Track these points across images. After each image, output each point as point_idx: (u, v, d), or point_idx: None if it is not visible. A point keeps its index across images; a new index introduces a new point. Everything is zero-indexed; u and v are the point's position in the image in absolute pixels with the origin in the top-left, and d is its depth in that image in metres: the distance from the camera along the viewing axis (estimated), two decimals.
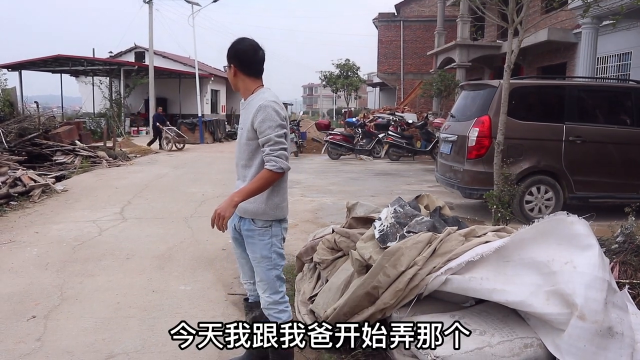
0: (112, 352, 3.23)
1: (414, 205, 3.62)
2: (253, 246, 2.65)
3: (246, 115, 2.61)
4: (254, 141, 2.56)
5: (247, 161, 2.62)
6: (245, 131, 2.59)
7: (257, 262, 2.66)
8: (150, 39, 23.42)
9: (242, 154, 2.63)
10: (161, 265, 5.01)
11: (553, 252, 2.66)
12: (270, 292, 2.67)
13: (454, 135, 7.41)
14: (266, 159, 2.48)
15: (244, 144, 2.62)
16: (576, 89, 7.13)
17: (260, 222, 2.62)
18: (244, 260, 2.83)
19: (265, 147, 2.49)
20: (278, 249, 2.68)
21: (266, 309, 2.71)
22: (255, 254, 2.65)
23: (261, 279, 2.67)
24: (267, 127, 2.48)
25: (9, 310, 3.90)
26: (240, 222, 2.69)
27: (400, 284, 2.86)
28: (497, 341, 2.58)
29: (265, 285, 2.67)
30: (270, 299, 2.68)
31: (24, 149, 12.73)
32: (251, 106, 2.58)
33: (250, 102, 2.62)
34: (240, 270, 2.94)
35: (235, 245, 2.86)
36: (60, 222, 6.85)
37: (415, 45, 30.41)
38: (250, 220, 2.64)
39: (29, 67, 25.86)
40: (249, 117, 2.55)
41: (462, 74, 19.40)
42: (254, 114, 2.52)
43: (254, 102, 2.58)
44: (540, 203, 6.80)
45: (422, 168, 13.87)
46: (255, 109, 2.52)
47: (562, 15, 14.19)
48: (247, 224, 2.65)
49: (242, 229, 2.69)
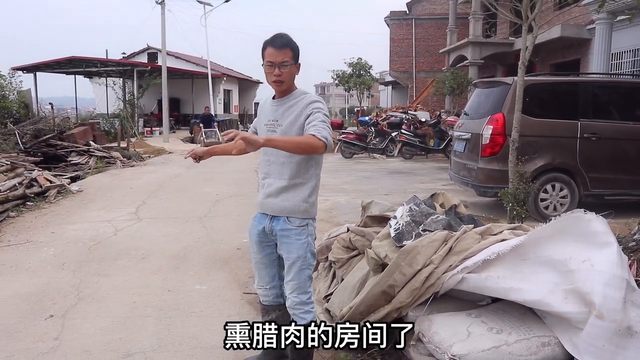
0: (129, 351, 3.26)
1: (429, 204, 3.61)
2: (289, 246, 2.60)
3: (289, 112, 2.56)
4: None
5: (287, 157, 2.54)
6: (287, 128, 2.53)
7: (291, 262, 2.61)
8: (163, 39, 23.53)
9: (280, 152, 2.52)
10: (176, 265, 5.04)
11: (570, 250, 2.63)
12: (299, 292, 2.63)
13: (467, 133, 7.37)
14: (312, 128, 2.39)
15: None
16: (591, 85, 7.06)
17: (297, 221, 2.59)
18: (262, 265, 2.78)
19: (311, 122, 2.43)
20: (313, 248, 2.66)
21: (292, 309, 2.66)
22: (291, 254, 2.60)
23: (292, 279, 2.62)
24: (317, 116, 2.46)
25: (27, 309, 3.95)
26: (272, 223, 2.63)
27: (417, 282, 2.85)
28: (514, 340, 2.56)
29: (295, 285, 2.62)
30: (298, 299, 2.64)
31: (40, 149, 12.89)
32: (297, 104, 2.55)
33: (292, 101, 2.58)
34: (256, 274, 2.85)
35: (257, 250, 2.76)
36: (76, 222, 6.92)
37: (427, 43, 30.29)
38: (285, 218, 2.59)
39: (44, 69, 26.15)
40: (295, 113, 2.53)
41: (474, 71, 19.28)
42: (302, 108, 2.51)
43: (300, 101, 2.56)
44: (555, 201, 6.74)
45: (435, 166, 13.81)
46: (305, 103, 2.52)
47: (576, 11, 14.06)
48: (282, 224, 2.59)
49: (274, 230, 2.63)
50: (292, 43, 2.53)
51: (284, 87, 2.56)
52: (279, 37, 2.53)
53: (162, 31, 23.37)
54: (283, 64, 2.49)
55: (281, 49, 2.48)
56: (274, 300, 2.83)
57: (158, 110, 28.22)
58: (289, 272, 2.63)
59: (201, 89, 28.88)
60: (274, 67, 2.49)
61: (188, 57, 34.03)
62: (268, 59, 2.50)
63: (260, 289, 2.85)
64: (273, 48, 2.49)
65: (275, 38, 2.53)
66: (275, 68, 2.49)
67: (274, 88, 2.59)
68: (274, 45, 2.50)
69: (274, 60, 2.48)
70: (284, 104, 2.59)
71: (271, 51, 2.49)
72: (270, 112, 2.64)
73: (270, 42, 2.52)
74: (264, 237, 2.70)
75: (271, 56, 2.49)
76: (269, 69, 2.51)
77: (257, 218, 2.73)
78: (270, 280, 2.79)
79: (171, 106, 26.53)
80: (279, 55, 2.48)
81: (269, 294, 2.82)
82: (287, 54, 2.49)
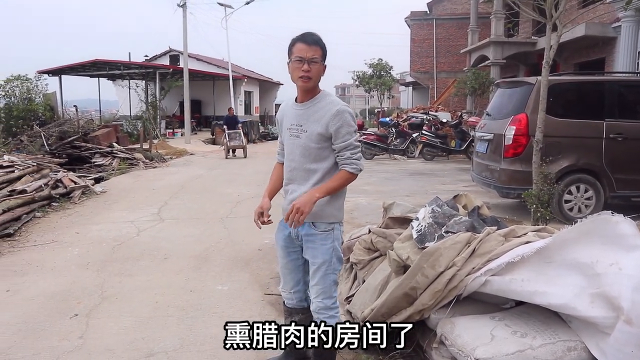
0: (151, 351, 3.29)
1: (452, 205, 3.57)
2: (314, 251, 2.58)
3: (314, 117, 2.51)
4: (325, 144, 2.51)
5: (312, 164, 2.53)
6: (315, 134, 2.49)
7: (316, 267, 2.58)
8: (185, 42, 23.80)
9: (307, 158, 2.53)
10: (198, 266, 5.08)
11: (597, 253, 2.57)
12: (324, 297, 2.60)
13: (489, 133, 7.28)
14: (347, 162, 2.49)
15: (312, 148, 2.51)
16: (617, 84, 6.92)
17: (322, 225, 2.56)
18: (287, 270, 2.76)
19: (344, 151, 2.49)
20: (339, 252, 2.63)
21: (317, 313, 2.63)
22: (316, 259, 2.57)
23: (317, 283, 2.60)
24: (346, 133, 2.48)
25: (53, 308, 4.01)
26: (297, 228, 2.58)
27: (439, 284, 2.82)
28: (539, 344, 2.51)
29: (320, 290, 2.60)
30: (322, 303, 2.61)
31: (64, 151, 13.15)
32: (322, 109, 2.50)
33: (317, 105, 2.53)
34: (282, 278, 2.84)
35: (282, 254, 2.74)
36: (100, 222, 7.03)
37: (448, 43, 30.09)
38: (310, 224, 2.55)
39: (69, 72, 26.62)
40: (320, 122, 2.49)
41: (496, 71, 19.07)
42: (330, 118, 2.47)
43: (325, 106, 2.51)
44: (580, 202, 6.62)
45: (456, 167, 13.69)
46: (331, 114, 2.47)
47: (601, 9, 13.81)
48: (307, 229, 2.56)
49: (300, 235, 2.60)
50: (321, 42, 2.50)
51: (311, 84, 2.49)
52: (309, 34, 2.50)
53: (184, 34, 23.63)
54: (312, 60, 2.44)
55: (311, 45, 2.45)
56: (297, 304, 2.82)
57: (180, 112, 28.52)
58: (314, 277, 2.61)
59: (222, 90, 29.11)
60: (303, 62, 2.44)
61: (209, 59, 34.33)
62: (297, 54, 2.44)
63: (285, 292, 2.84)
64: (303, 43, 2.45)
65: (306, 34, 2.49)
66: (304, 64, 2.44)
67: (300, 85, 2.52)
68: (305, 41, 2.46)
69: (304, 56, 2.43)
70: (308, 107, 2.54)
71: (301, 46, 2.45)
72: (294, 116, 2.59)
73: (300, 38, 2.48)
74: (289, 242, 2.68)
75: (301, 51, 2.44)
76: (298, 65, 2.45)
77: (282, 223, 2.68)
78: (294, 284, 2.78)
79: (193, 108, 26.80)
80: (309, 51, 2.44)
81: (293, 298, 2.82)
82: (316, 51, 2.46)
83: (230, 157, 16.99)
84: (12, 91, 19.26)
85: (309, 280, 2.70)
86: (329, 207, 2.56)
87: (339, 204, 2.61)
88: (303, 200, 2.42)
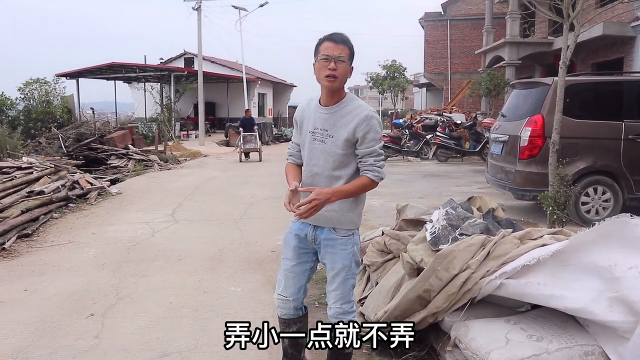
0: (165, 351, 3.31)
1: (466, 207, 3.54)
2: (334, 256, 2.51)
3: (341, 122, 2.44)
4: (350, 150, 2.45)
5: (337, 171, 2.45)
6: (342, 140, 2.42)
7: (335, 272, 2.52)
8: (199, 44, 23.96)
9: (331, 164, 2.45)
10: (212, 267, 5.10)
11: (616, 256, 2.52)
12: (342, 302, 2.54)
13: (505, 135, 7.22)
14: (369, 169, 2.43)
15: (338, 154, 2.44)
16: (636, 84, 6.81)
17: (342, 231, 2.51)
18: (292, 274, 2.62)
19: (368, 157, 2.44)
20: (358, 257, 2.59)
21: (335, 318, 2.57)
22: (336, 264, 2.51)
23: (336, 289, 2.54)
24: (372, 139, 2.43)
25: (70, 308, 4.06)
26: (315, 231, 2.53)
27: (453, 287, 2.79)
28: (555, 348, 2.48)
29: (339, 295, 2.54)
30: (341, 309, 2.55)
31: (81, 153, 13.32)
32: (349, 114, 2.44)
33: (344, 109, 2.45)
34: (281, 283, 2.67)
35: (292, 256, 2.61)
36: (115, 223, 7.09)
37: (462, 44, 29.87)
38: (331, 229, 2.50)
39: (86, 75, 26.94)
40: (347, 127, 2.42)
41: (511, 72, 18.88)
42: (358, 123, 2.40)
43: (353, 110, 2.44)
44: (598, 204, 6.53)
45: (471, 169, 13.59)
46: (360, 118, 2.41)
47: (619, 8, 13.61)
48: (327, 233, 2.51)
49: (318, 238, 2.53)
50: (349, 42, 2.43)
51: (337, 84, 2.40)
52: (337, 33, 2.44)
53: (199, 37, 23.80)
54: (339, 59, 2.37)
55: (339, 44, 2.39)
56: (294, 313, 2.69)
57: (194, 114, 28.72)
58: (332, 282, 2.55)
59: (236, 92, 29.23)
60: (330, 60, 2.36)
61: (223, 61, 34.52)
62: (324, 52, 2.37)
63: (281, 300, 2.67)
64: (331, 42, 2.39)
65: (334, 34, 2.43)
66: (331, 62, 2.36)
67: (325, 85, 2.43)
68: (332, 40, 2.40)
69: (331, 54, 2.36)
70: (334, 112, 2.46)
71: (328, 45, 2.39)
72: (319, 120, 2.49)
73: (328, 37, 2.42)
74: (304, 243, 2.59)
75: (328, 49, 2.37)
76: (324, 63, 2.37)
77: (297, 224, 2.59)
78: (296, 291, 2.64)
79: (207, 110, 26.95)
80: (337, 49, 2.37)
81: (289, 307, 2.67)
82: (344, 50, 2.39)
83: (244, 160, 16.41)
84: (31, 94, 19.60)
85: (307, 289, 2.68)
86: (351, 213, 2.51)
87: (359, 210, 2.56)
88: (321, 196, 2.31)
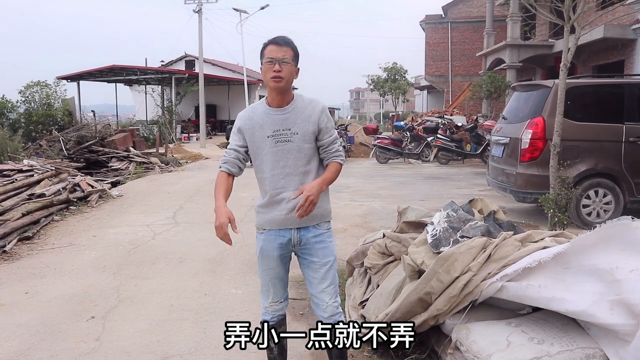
0: (166, 354, 3.31)
1: (467, 210, 3.54)
2: (325, 250, 2.57)
3: (302, 117, 2.51)
4: (313, 144, 2.54)
5: (307, 166, 2.53)
6: (308, 134, 2.51)
7: (328, 266, 2.58)
8: (200, 47, 24.00)
9: (300, 161, 2.51)
10: (213, 269, 5.10)
11: (617, 259, 2.52)
12: (335, 294, 2.62)
13: (506, 137, 7.22)
14: (336, 155, 2.58)
15: (306, 148, 2.51)
16: (637, 87, 6.81)
17: (325, 224, 2.59)
18: (278, 279, 2.65)
19: (333, 145, 2.58)
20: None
21: (333, 316, 2.59)
22: (328, 257, 2.58)
23: (331, 282, 2.59)
24: (331, 127, 2.59)
25: (70, 310, 4.06)
26: (299, 233, 2.54)
27: (454, 290, 2.79)
28: (557, 350, 2.47)
29: (333, 289, 2.60)
30: (336, 302, 2.62)
31: (82, 156, 13.32)
32: (307, 108, 2.53)
33: (299, 105, 2.53)
34: (270, 292, 2.68)
35: (276, 265, 2.61)
36: (116, 226, 7.10)
37: (463, 46, 29.90)
38: (315, 225, 2.55)
39: (87, 77, 27.01)
40: (310, 120, 2.51)
41: (512, 74, 18.89)
42: (319, 115, 2.53)
43: (309, 104, 2.54)
44: (599, 207, 6.53)
45: (472, 172, 13.59)
46: (318, 110, 2.54)
47: (620, 11, 13.63)
48: (313, 230, 2.55)
49: (304, 239, 2.55)
50: (293, 43, 2.51)
51: (283, 84, 2.46)
52: (280, 37, 2.52)
53: (199, 39, 23.84)
54: (283, 61, 2.44)
55: (282, 46, 2.46)
56: (280, 315, 2.72)
57: (195, 116, 28.75)
58: (326, 277, 2.57)
59: (237, 95, 29.29)
60: (274, 63, 2.43)
61: (224, 64, 34.57)
62: (268, 56, 2.45)
63: (274, 305, 2.69)
64: (274, 45, 2.46)
65: (277, 37, 2.51)
66: (275, 64, 2.43)
67: (272, 87, 2.49)
68: (275, 42, 2.47)
69: (275, 56, 2.44)
70: (291, 110, 2.53)
71: (272, 48, 2.46)
72: (277, 122, 2.51)
73: (272, 40, 2.50)
74: (285, 250, 2.58)
75: (272, 52, 2.45)
76: (269, 66, 2.45)
77: (272, 233, 2.57)
78: (284, 292, 2.71)
79: (208, 112, 27.01)
80: (280, 51, 2.44)
81: (282, 307, 2.72)
82: (287, 51, 2.46)
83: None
84: (32, 97, 19.63)
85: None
86: (327, 204, 2.62)
87: (328, 200, 2.66)
88: (314, 191, 2.38)
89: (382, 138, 16.73)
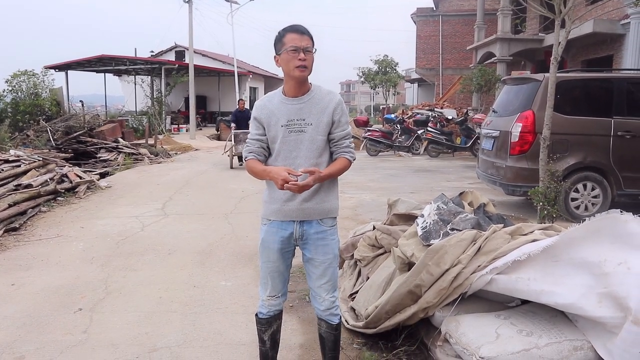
0: (155, 346, 3.29)
1: (457, 202, 3.54)
2: (325, 248, 2.52)
3: (318, 108, 2.45)
4: (326, 137, 2.48)
5: (319, 158, 2.46)
6: (323, 125, 2.45)
7: (328, 263, 2.53)
8: (190, 37, 23.78)
9: (312, 152, 2.44)
10: (202, 261, 5.07)
11: (605, 252, 2.54)
12: (333, 290, 2.58)
13: (496, 130, 7.24)
14: (345, 150, 2.51)
15: (319, 140, 2.45)
16: (625, 82, 6.84)
17: (329, 221, 2.54)
18: (278, 273, 2.60)
19: (344, 140, 2.51)
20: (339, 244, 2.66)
21: (329, 310, 2.58)
22: (328, 255, 2.53)
23: (329, 279, 2.55)
24: (345, 122, 2.51)
25: (57, 302, 4.02)
26: (302, 227, 2.50)
27: (444, 282, 2.80)
28: (545, 343, 2.49)
29: (331, 285, 2.57)
30: (334, 297, 2.59)
31: (70, 146, 13.19)
32: (323, 99, 2.47)
33: (316, 96, 2.47)
34: (268, 285, 2.62)
35: (276, 258, 2.56)
36: (105, 217, 7.04)
37: (454, 40, 29.94)
38: (319, 221, 2.51)
39: (75, 67, 26.66)
40: (325, 112, 2.45)
41: (502, 68, 18.94)
42: (334, 107, 2.47)
43: (326, 96, 2.48)
44: (587, 200, 6.57)
45: (462, 165, 13.64)
46: (335, 102, 2.48)
47: (609, 6, 13.69)
48: (316, 226, 2.50)
49: (306, 234, 2.50)
50: (310, 32, 2.44)
51: (307, 74, 2.41)
52: (298, 25, 2.44)
53: (190, 30, 23.62)
54: (307, 49, 2.38)
55: (304, 34, 2.39)
56: (277, 309, 2.68)
57: (185, 107, 28.55)
58: (324, 274, 2.54)
59: (227, 86, 29.11)
60: (299, 51, 2.36)
61: (215, 55, 34.31)
62: (292, 44, 2.36)
63: (271, 299, 2.64)
64: (295, 33, 2.39)
65: (295, 25, 2.44)
66: (300, 52, 2.36)
67: (297, 76, 2.39)
68: (297, 31, 2.40)
69: (299, 45, 2.36)
70: (307, 100, 2.46)
71: (294, 36, 2.38)
72: (293, 111, 2.45)
73: (291, 28, 2.41)
74: (287, 244, 2.54)
75: (295, 40, 2.36)
76: (293, 54, 2.35)
77: (275, 225, 2.53)
78: (282, 287, 2.65)
79: (198, 104, 26.80)
80: (303, 40, 2.38)
81: (279, 302, 2.67)
82: (309, 40, 2.40)
83: (236, 166, 12.68)
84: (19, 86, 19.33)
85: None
86: (335, 200, 2.57)
87: (337, 195, 2.61)
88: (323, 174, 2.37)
89: (373, 130, 16.73)
